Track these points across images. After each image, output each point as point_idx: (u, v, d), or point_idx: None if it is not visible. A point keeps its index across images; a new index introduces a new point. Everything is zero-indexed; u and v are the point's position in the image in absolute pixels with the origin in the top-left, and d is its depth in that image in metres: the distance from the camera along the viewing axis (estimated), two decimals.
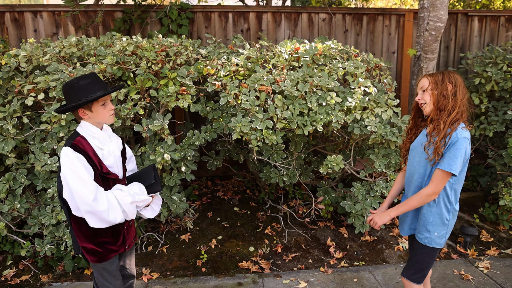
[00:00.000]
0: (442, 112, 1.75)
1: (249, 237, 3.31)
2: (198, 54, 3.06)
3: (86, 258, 1.85)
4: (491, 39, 4.58)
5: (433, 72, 1.86)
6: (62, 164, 1.69)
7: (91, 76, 1.76)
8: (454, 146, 1.69)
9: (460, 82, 1.78)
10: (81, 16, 3.98)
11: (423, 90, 1.82)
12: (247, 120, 2.62)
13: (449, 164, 1.69)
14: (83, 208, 1.67)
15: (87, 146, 1.74)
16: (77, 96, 1.72)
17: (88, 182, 1.67)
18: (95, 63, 2.69)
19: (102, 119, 1.79)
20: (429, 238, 1.84)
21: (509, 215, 3.42)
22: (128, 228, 1.94)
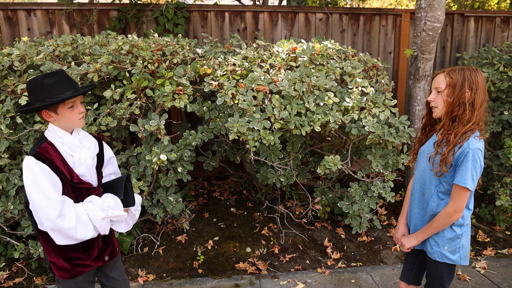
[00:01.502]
0: (455, 123, 1.58)
1: (246, 238, 3.28)
2: (195, 53, 3.03)
3: (54, 273, 1.68)
4: (487, 40, 4.60)
5: (454, 68, 1.59)
6: (24, 175, 1.51)
7: (58, 74, 1.56)
8: (465, 158, 1.53)
9: (481, 87, 1.57)
10: (75, 15, 3.93)
11: (438, 91, 1.63)
12: (244, 120, 2.59)
13: (462, 177, 1.53)
14: (47, 225, 1.51)
15: (53, 154, 1.55)
16: (40, 96, 1.52)
17: (52, 197, 1.50)
18: (90, 62, 2.65)
19: (69, 123, 1.59)
20: (439, 253, 1.68)
21: (505, 215, 3.43)
22: (104, 240, 1.77)
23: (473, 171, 1.53)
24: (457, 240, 1.67)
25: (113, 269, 1.86)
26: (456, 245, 1.67)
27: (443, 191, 1.67)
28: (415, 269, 1.87)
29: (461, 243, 1.67)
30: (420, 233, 1.71)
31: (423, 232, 1.70)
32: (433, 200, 1.69)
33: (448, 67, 1.64)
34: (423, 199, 1.75)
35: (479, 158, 1.54)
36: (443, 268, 1.70)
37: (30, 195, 1.51)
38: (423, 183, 1.74)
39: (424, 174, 1.73)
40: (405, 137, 2.95)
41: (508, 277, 2.80)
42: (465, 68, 1.59)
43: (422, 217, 1.77)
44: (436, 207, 1.69)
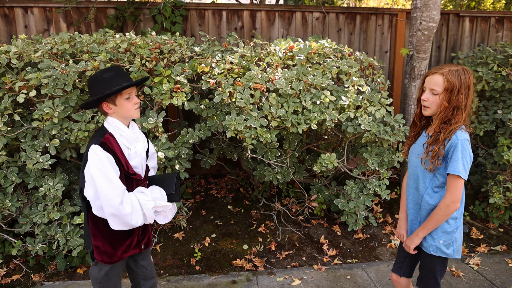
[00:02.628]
0: (445, 125, 1.62)
1: (243, 235, 3.31)
2: (192, 51, 3.05)
3: (94, 257, 1.80)
4: (481, 40, 4.64)
5: (451, 70, 1.60)
6: (91, 162, 1.62)
7: (114, 68, 1.71)
8: (455, 149, 1.59)
9: (472, 88, 1.61)
10: (73, 13, 3.93)
11: (434, 94, 1.64)
12: (241, 118, 2.62)
13: (455, 167, 1.59)
14: (109, 211, 1.62)
15: (115, 145, 1.68)
16: (100, 89, 1.67)
17: (117, 185, 1.62)
18: (88, 60, 2.66)
19: (126, 113, 1.72)
20: (434, 246, 1.71)
21: (498, 213, 3.48)
22: (143, 229, 1.90)
23: (464, 160, 1.59)
24: (452, 233, 1.70)
25: (144, 257, 1.98)
26: (451, 238, 1.71)
27: (437, 185, 1.71)
28: (407, 262, 1.92)
29: (455, 236, 1.71)
30: (420, 229, 1.73)
31: (423, 228, 1.72)
32: (428, 193, 1.73)
33: (445, 67, 1.64)
34: (417, 194, 1.79)
35: (468, 148, 1.60)
36: (437, 261, 1.73)
37: (95, 181, 1.61)
38: (416, 178, 1.78)
39: (416, 169, 1.77)
40: (400, 135, 2.98)
41: (500, 273, 2.85)
42: (460, 71, 1.61)
43: (416, 212, 1.81)
44: (431, 200, 1.73)
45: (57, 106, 2.54)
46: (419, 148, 1.75)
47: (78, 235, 2.76)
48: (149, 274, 2.02)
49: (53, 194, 2.67)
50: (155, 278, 2.06)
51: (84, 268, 2.87)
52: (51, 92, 2.55)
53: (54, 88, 2.57)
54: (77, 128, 2.57)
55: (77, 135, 2.57)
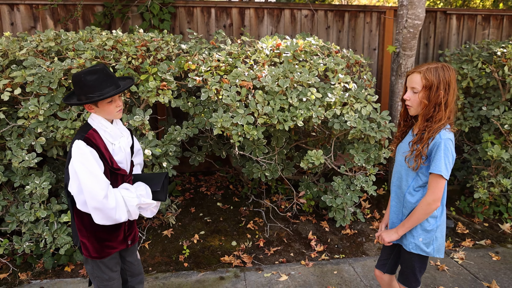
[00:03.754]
0: (429, 122, 1.63)
1: (232, 232, 3.33)
2: (180, 49, 3.05)
3: (83, 252, 1.82)
4: (468, 37, 4.70)
5: (429, 68, 1.62)
6: (74, 157, 1.63)
7: (99, 71, 1.67)
8: (438, 148, 1.60)
9: (453, 85, 1.62)
10: (60, 10, 3.90)
11: (414, 92, 1.66)
12: (228, 115, 2.63)
13: (437, 166, 1.60)
14: (92, 204, 1.63)
15: (99, 140, 1.70)
16: (82, 91, 1.66)
17: (101, 179, 1.63)
18: (74, 57, 2.65)
19: (108, 115, 1.73)
20: (413, 244, 1.72)
21: (483, 208, 3.54)
22: (129, 225, 1.91)
23: (446, 159, 1.60)
24: (432, 232, 1.71)
25: (131, 253, 2.00)
26: (431, 237, 1.71)
27: (420, 184, 1.72)
28: (391, 259, 1.94)
29: (435, 235, 1.72)
30: (400, 227, 1.74)
31: (403, 225, 1.73)
32: (409, 192, 1.75)
33: (424, 65, 1.66)
34: (400, 192, 1.81)
35: (451, 147, 1.61)
36: (416, 259, 1.75)
37: (79, 175, 1.62)
38: (399, 176, 1.80)
39: (400, 167, 1.80)
40: (386, 132, 3.02)
41: (484, 267, 2.90)
42: (438, 68, 1.62)
43: (398, 210, 1.83)
44: (412, 198, 1.74)
45: (42, 104, 2.53)
46: (405, 146, 1.78)
47: (65, 233, 2.76)
48: (136, 270, 2.04)
49: (39, 193, 2.66)
50: (142, 274, 2.08)
51: (72, 266, 2.87)
52: (36, 90, 2.54)
53: (39, 86, 2.55)
54: (63, 126, 2.56)
55: (63, 133, 2.56)
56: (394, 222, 1.85)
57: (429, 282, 2.71)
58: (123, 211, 1.71)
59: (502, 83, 3.44)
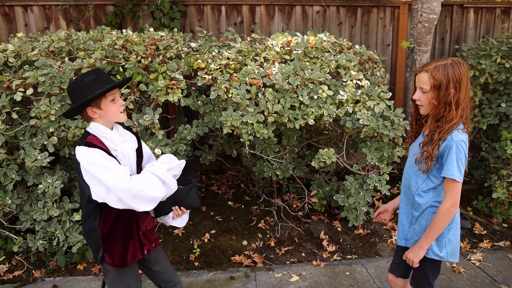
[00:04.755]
0: (439, 122, 1.56)
1: (243, 231, 3.31)
2: (189, 47, 3.03)
3: (106, 261, 1.73)
4: (486, 31, 4.55)
5: (437, 66, 1.54)
6: (82, 162, 1.54)
7: (95, 72, 1.64)
8: (450, 151, 1.53)
9: (465, 82, 1.53)
10: (72, 10, 3.94)
11: (423, 92, 1.60)
12: (238, 114, 2.60)
13: (449, 170, 1.53)
14: (125, 196, 1.52)
15: (100, 144, 1.61)
16: (83, 94, 1.58)
17: (117, 168, 1.54)
18: (84, 57, 2.66)
19: (112, 117, 1.65)
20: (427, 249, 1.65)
21: (502, 208, 3.42)
22: (144, 235, 1.80)
23: (459, 162, 1.53)
24: (443, 235, 1.65)
25: (155, 263, 1.91)
26: (443, 240, 1.65)
27: (431, 186, 1.66)
28: (404, 263, 1.88)
29: (447, 238, 1.65)
30: (424, 240, 1.64)
31: (426, 238, 1.63)
32: (418, 194, 1.69)
33: (432, 63, 1.59)
34: (409, 193, 1.75)
35: (464, 149, 1.54)
36: (428, 262, 1.69)
37: (97, 176, 1.53)
38: (409, 177, 1.75)
39: (410, 169, 1.74)
40: (400, 130, 2.94)
41: (503, 269, 2.80)
42: (447, 65, 1.54)
43: (408, 211, 1.77)
44: (421, 200, 1.68)
45: (53, 104, 2.55)
46: (416, 148, 1.71)
47: (77, 232, 2.78)
48: (166, 278, 1.96)
49: (52, 191, 2.69)
50: (175, 283, 1.98)
51: (84, 264, 2.89)
52: (48, 90, 2.56)
53: (50, 86, 2.58)
54: (74, 126, 2.58)
55: (74, 132, 2.57)
56: (404, 224, 1.79)
57: (444, 284, 2.63)
58: (158, 185, 1.61)
59: None
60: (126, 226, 1.72)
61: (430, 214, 1.67)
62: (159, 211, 1.82)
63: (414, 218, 1.72)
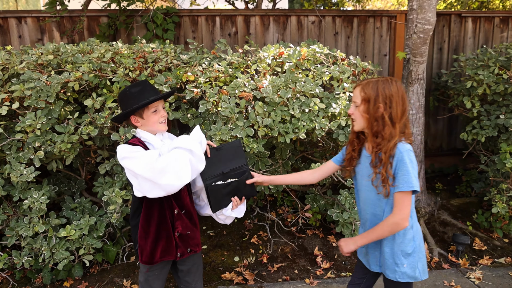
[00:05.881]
0: (379, 139, 1.54)
1: (235, 247, 3.22)
2: (179, 59, 2.99)
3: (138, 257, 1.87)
4: (485, 41, 4.48)
5: (369, 81, 1.57)
6: (120, 158, 1.66)
7: (142, 83, 1.81)
8: (402, 162, 1.50)
9: (396, 99, 1.52)
10: (66, 22, 3.92)
11: (356, 106, 1.61)
12: (227, 128, 2.54)
13: (407, 182, 1.49)
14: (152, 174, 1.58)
15: (142, 144, 1.76)
16: (129, 104, 1.76)
17: (144, 153, 1.64)
18: (72, 70, 2.62)
19: (153, 127, 1.81)
20: (400, 273, 1.59)
21: (503, 223, 3.32)
22: (181, 236, 1.86)
23: (413, 172, 1.51)
24: (414, 254, 1.60)
25: (187, 273, 1.96)
26: (415, 260, 1.60)
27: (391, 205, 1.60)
28: (363, 284, 1.80)
29: (418, 256, 1.61)
30: (361, 238, 1.63)
31: (364, 237, 1.62)
32: (386, 215, 1.61)
33: (366, 80, 1.60)
34: (375, 219, 1.66)
35: (413, 158, 1.53)
36: (402, 286, 1.62)
37: (129, 167, 1.64)
38: (370, 203, 1.67)
39: (369, 194, 1.66)
40: None
41: None
42: (379, 81, 1.56)
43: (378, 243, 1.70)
44: None
45: (39, 118, 2.51)
46: (367, 169, 1.64)
47: (63, 248, 2.71)
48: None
49: (38, 207, 2.63)
50: None
51: (71, 281, 2.82)
52: (34, 104, 2.52)
53: (37, 99, 2.53)
54: (60, 140, 2.53)
55: (60, 147, 2.52)
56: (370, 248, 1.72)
57: None
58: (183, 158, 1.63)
59: None
60: (160, 225, 1.80)
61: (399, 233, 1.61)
62: (219, 205, 1.89)
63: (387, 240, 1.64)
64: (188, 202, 1.92)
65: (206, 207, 2.02)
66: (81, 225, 2.71)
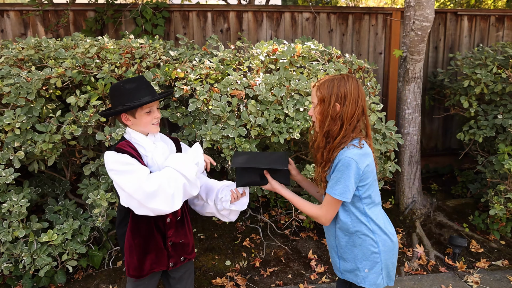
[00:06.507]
0: (328, 138, 1.51)
1: (226, 250, 3.11)
2: (169, 56, 2.86)
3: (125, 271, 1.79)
4: (481, 39, 4.43)
5: (324, 80, 1.53)
6: (107, 168, 1.57)
7: (138, 79, 1.67)
8: (336, 168, 1.47)
9: (350, 97, 1.47)
10: (51, 16, 3.76)
11: (314, 107, 1.56)
12: (218, 127, 2.42)
13: (332, 187, 1.48)
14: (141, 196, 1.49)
15: (131, 149, 1.63)
16: (121, 100, 1.62)
17: (134, 171, 1.52)
18: (54, 66, 2.48)
19: (144, 127, 1.68)
20: (361, 277, 1.55)
21: (500, 224, 3.26)
22: (174, 244, 1.76)
23: (344, 181, 1.45)
24: (377, 263, 1.54)
25: (178, 280, 1.86)
26: (378, 267, 1.54)
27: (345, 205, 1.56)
28: None
29: (382, 264, 1.55)
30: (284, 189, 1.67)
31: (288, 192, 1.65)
32: (341, 214, 1.57)
33: (324, 78, 1.54)
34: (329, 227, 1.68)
35: (350, 166, 1.44)
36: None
37: (117, 182, 1.54)
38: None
39: None
40: (392, 143, 2.78)
41: None
42: (334, 79, 1.51)
43: (332, 243, 1.67)
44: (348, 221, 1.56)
45: (19, 117, 2.36)
46: None
47: (45, 254, 2.58)
48: None
49: (17, 210, 2.48)
50: None
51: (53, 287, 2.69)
52: (13, 101, 2.38)
53: (16, 97, 2.39)
54: (41, 140, 2.39)
55: (41, 147, 2.38)
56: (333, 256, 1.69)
57: None
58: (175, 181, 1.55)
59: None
60: (148, 238, 1.68)
61: (358, 239, 1.56)
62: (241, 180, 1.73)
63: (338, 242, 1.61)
64: (183, 206, 1.82)
65: (206, 205, 1.90)
66: (64, 229, 2.58)
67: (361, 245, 1.54)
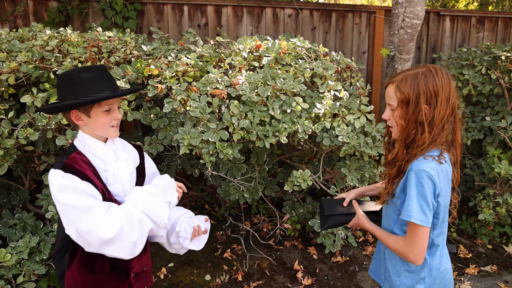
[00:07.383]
0: (410, 149, 1.23)
1: (205, 263, 2.87)
2: (141, 50, 2.58)
3: None
4: (462, 40, 4.39)
5: (406, 76, 1.21)
6: (52, 195, 1.23)
7: (97, 69, 1.31)
8: (409, 183, 1.19)
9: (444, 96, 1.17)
10: (7, 4, 3.38)
11: (391, 109, 1.27)
12: (197, 130, 2.18)
13: (406, 209, 1.19)
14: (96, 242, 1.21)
15: (84, 165, 1.28)
16: (73, 92, 1.26)
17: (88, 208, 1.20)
18: (6, 60, 2.15)
19: (100, 129, 1.32)
20: None
21: (488, 228, 3.19)
22: (139, 275, 1.45)
23: (421, 199, 1.17)
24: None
25: None
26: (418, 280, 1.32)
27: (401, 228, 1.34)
28: None
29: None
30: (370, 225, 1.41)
31: (375, 228, 1.38)
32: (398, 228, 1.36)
33: (402, 72, 1.24)
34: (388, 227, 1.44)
35: (427, 182, 1.16)
36: None
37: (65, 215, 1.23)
38: (385, 214, 1.43)
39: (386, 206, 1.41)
40: (382, 147, 2.62)
41: None
42: (419, 74, 1.19)
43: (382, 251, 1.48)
44: None
45: None
46: None
47: None
48: None
49: None
50: None
51: None
52: None
53: None
54: None
55: None
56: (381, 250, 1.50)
57: None
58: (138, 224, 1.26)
59: (508, 91, 3.10)
60: (103, 275, 1.36)
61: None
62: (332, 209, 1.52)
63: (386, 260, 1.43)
64: None
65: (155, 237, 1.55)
66: (20, 247, 2.25)
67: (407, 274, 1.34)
